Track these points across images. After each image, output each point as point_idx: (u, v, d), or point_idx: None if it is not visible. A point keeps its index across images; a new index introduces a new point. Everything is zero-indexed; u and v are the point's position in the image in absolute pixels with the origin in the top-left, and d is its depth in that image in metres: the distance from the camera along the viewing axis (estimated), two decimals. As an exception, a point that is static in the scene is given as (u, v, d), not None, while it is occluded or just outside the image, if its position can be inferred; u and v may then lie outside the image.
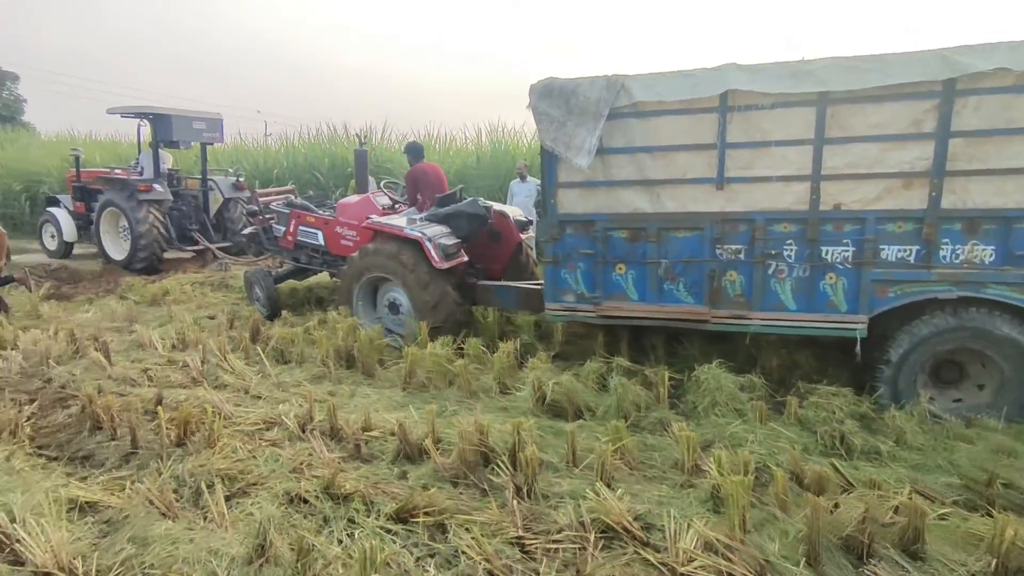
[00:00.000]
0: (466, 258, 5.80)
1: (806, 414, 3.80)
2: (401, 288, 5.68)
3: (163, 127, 9.62)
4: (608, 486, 2.95)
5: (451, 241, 5.60)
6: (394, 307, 5.91)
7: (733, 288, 4.32)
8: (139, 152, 11.37)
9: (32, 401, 4.63)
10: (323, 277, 8.20)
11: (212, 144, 11.03)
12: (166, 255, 9.87)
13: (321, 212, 7.12)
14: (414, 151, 6.77)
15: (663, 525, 2.64)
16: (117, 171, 10.24)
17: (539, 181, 10.35)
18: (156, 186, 9.42)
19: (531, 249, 6.93)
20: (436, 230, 5.63)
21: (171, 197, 9.70)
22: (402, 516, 2.80)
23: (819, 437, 3.60)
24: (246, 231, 7.74)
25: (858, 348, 3.99)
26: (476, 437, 3.26)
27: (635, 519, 2.70)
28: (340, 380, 4.87)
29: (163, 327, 6.65)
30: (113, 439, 3.74)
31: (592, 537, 2.59)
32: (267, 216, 7.58)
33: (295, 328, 5.74)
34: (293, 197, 7.80)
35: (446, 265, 5.48)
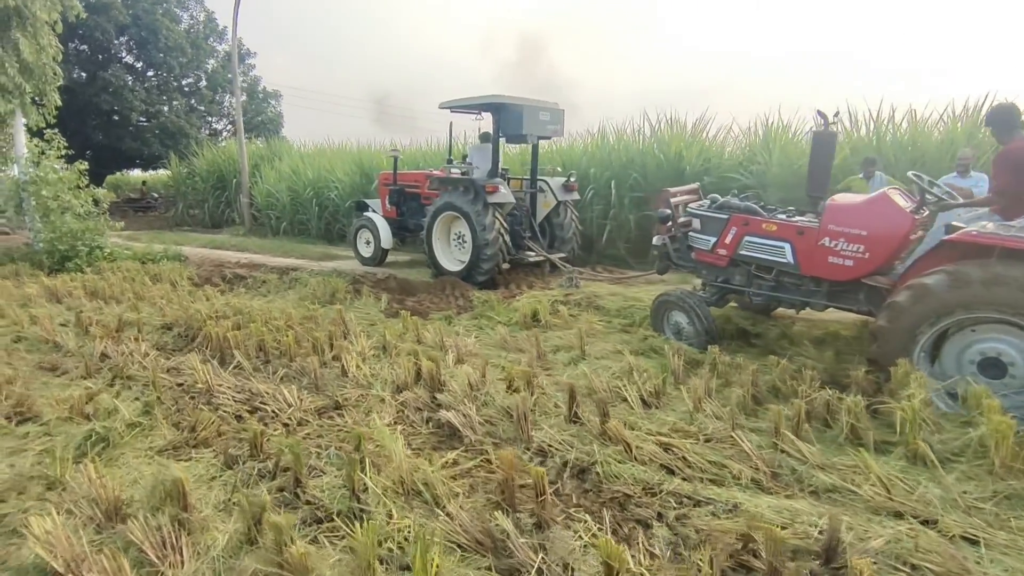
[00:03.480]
0: None
1: None
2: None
3: (511, 120, 8.29)
4: None
5: None
6: (994, 366, 3.77)
7: None
8: (450, 153, 10.51)
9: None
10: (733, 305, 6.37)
11: (551, 139, 9.70)
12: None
13: (785, 218, 5.24)
14: (1007, 120, 4.39)
15: None
16: (454, 171, 9.24)
17: (986, 176, 7.72)
18: (501, 187, 8.21)
19: None
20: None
21: (514, 200, 8.45)
22: None
23: None
24: (656, 241, 6.10)
25: None
26: None
27: None
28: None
29: (576, 364, 5.20)
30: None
31: None
32: (682, 222, 5.89)
33: (851, 396, 3.82)
34: (709, 199, 6.02)
35: None
